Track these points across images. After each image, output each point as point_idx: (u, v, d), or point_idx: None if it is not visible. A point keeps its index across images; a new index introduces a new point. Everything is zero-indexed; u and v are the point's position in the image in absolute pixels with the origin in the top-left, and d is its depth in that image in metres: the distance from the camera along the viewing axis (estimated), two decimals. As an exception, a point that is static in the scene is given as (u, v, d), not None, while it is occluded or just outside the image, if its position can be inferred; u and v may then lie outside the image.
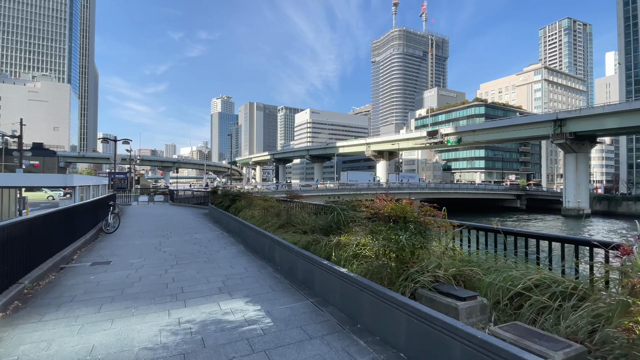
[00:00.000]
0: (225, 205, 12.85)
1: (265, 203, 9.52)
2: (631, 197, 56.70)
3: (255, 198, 11.24)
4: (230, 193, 13.33)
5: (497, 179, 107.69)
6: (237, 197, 12.40)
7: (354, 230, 5.51)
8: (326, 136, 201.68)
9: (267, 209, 9.03)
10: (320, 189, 46.65)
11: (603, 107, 49.93)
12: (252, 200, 10.95)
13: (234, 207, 11.63)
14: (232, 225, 10.83)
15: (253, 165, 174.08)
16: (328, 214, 6.02)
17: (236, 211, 11.21)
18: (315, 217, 6.98)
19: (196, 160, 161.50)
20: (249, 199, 11.28)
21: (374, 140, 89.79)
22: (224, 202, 13.23)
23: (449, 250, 3.98)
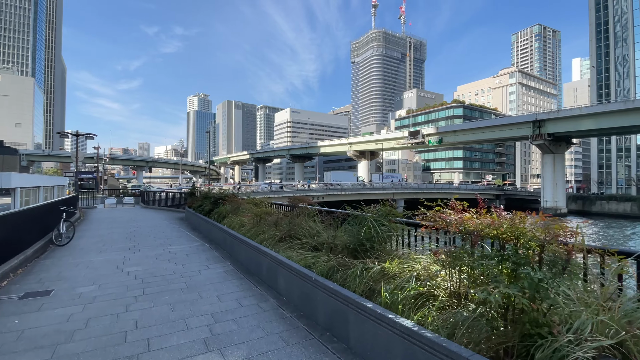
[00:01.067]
0: (205, 209, 10.99)
1: (258, 209, 7.80)
2: (604, 197, 58.60)
3: (242, 201, 9.47)
4: (211, 195, 11.47)
5: (474, 179, 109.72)
6: (220, 200, 10.58)
7: (395, 252, 3.96)
8: (306, 136, 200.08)
9: (260, 215, 7.32)
10: (303, 189, 45.01)
11: (580, 109, 51.16)
12: (240, 204, 9.19)
13: (217, 212, 9.81)
14: (216, 234, 9.03)
15: (231, 165, 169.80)
16: (354, 225, 4.43)
17: (220, 217, 9.40)
18: (329, 228, 5.37)
19: (171, 160, 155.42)
20: (235, 202, 9.50)
21: (355, 140, 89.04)
22: (204, 205, 11.36)
23: (588, 294, 2.45)
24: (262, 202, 9.21)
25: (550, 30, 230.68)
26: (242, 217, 8.18)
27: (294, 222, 6.05)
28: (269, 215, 7.19)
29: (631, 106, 43.81)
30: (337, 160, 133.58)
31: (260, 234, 6.66)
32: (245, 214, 8.30)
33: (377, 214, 4.33)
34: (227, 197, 10.42)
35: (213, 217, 9.81)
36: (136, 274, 6.25)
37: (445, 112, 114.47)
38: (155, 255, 7.77)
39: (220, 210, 9.69)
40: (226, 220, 8.74)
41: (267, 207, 8.07)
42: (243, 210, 8.83)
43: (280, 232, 6.04)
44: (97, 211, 20.35)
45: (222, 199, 10.55)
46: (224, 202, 10.39)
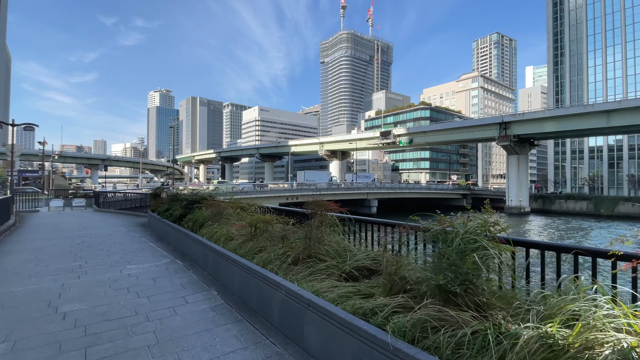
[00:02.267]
0: (175, 214, 8.88)
1: (250, 216, 5.96)
2: (562, 196, 61.90)
3: (225, 205, 7.54)
4: (183, 197, 9.37)
5: (440, 179, 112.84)
6: (195, 203, 8.54)
7: (506, 293, 2.40)
8: (275, 135, 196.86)
9: (256, 225, 5.50)
10: (278, 189, 42.99)
11: (543, 112, 53.51)
12: (222, 209, 7.26)
13: (192, 218, 7.79)
14: (191, 248, 7.03)
15: (196, 164, 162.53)
16: (440, 245, 2.79)
17: (196, 226, 7.41)
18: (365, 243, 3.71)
19: (130, 158, 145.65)
20: (215, 206, 7.53)
21: (327, 140, 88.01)
22: (173, 209, 9.24)
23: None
24: (249, 206, 7.36)
25: (507, 38, 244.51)
26: (228, 226, 6.31)
27: (313, 235, 4.32)
28: (268, 225, 5.39)
29: (590, 110, 46.29)
30: (308, 160, 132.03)
31: (259, 251, 4.86)
32: (232, 222, 6.43)
33: (470, 229, 2.73)
34: (204, 200, 8.41)
35: (186, 226, 7.78)
36: (77, 316, 4.19)
37: (413, 113, 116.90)
38: (108, 281, 5.66)
39: (196, 216, 7.69)
40: (205, 230, 6.79)
41: (263, 213, 6.25)
42: (227, 216, 6.93)
43: (293, 250, 4.29)
44: (39, 216, 17.16)
45: (197, 202, 8.53)
46: (200, 205, 8.38)
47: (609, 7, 74.99)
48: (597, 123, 46.04)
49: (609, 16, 75.14)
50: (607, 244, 2.69)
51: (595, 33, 76.78)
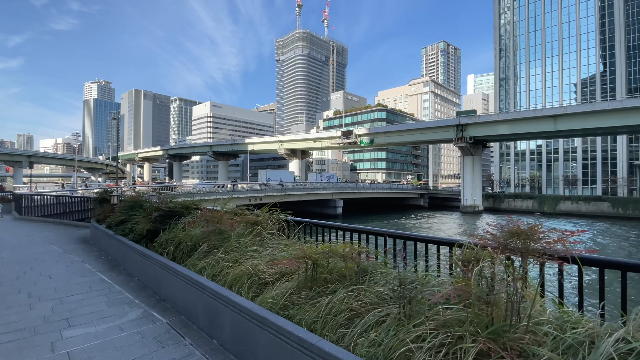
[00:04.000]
0: (139, 231, 6.00)
1: (295, 248, 3.55)
2: (510, 195, 66.00)
3: (228, 220, 4.95)
4: (150, 205, 6.51)
5: (395, 179, 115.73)
6: (174, 213, 5.78)
7: None
8: (228, 132, 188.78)
9: (313, 259, 3.14)
10: (239, 189, 39.53)
11: (497, 115, 56.29)
12: (225, 226, 4.70)
13: (172, 240, 5.06)
14: (175, 288, 4.33)
15: (140, 162, 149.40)
16: None
17: (181, 253, 4.76)
18: None
19: (62, 155, 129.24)
20: (212, 220, 4.91)
21: (287, 138, 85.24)
22: (136, 222, 6.37)
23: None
24: (266, 217, 4.92)
25: (453, 47, 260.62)
26: (245, 255, 3.85)
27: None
28: (337, 257, 3.06)
29: (539, 114, 49.40)
30: (265, 159, 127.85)
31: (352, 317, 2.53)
32: (249, 248, 3.98)
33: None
34: (191, 209, 5.73)
35: (164, 251, 5.03)
36: None
37: (370, 114, 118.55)
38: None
39: (180, 236, 5.00)
40: (204, 262, 4.20)
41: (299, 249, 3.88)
42: (237, 239, 4.42)
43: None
44: None
45: (176, 212, 5.79)
46: (179, 217, 5.69)
47: (532, 26, 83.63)
48: (546, 127, 49.29)
49: (531, 33, 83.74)
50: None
51: (521, 48, 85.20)
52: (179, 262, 4.62)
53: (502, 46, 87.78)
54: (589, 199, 56.49)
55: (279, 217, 4.92)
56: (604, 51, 73.34)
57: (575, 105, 49.07)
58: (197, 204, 6.20)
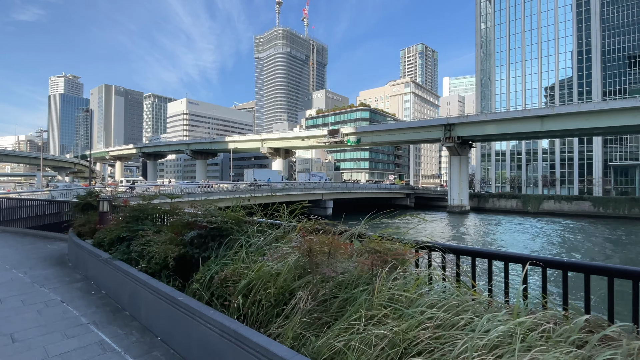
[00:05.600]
0: (159, 260, 3.88)
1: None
2: (495, 195, 66.67)
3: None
4: (179, 220, 4.30)
5: (377, 179, 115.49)
6: (222, 233, 3.63)
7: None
8: (205, 130, 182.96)
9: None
10: (226, 190, 36.83)
11: (485, 115, 56.42)
12: (345, 252, 2.71)
13: (239, 283, 2.98)
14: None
15: (111, 161, 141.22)
16: None
17: (268, 312, 2.72)
18: None
19: (25, 153, 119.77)
20: (309, 241, 2.86)
21: (270, 137, 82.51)
22: (149, 243, 4.21)
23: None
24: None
25: (430, 50, 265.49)
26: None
27: None
28: None
29: (527, 114, 49.72)
30: (246, 158, 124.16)
31: None
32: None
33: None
34: (241, 222, 3.67)
35: (223, 304, 2.97)
36: None
37: (353, 114, 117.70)
38: None
39: (252, 276, 2.92)
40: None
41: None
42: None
43: None
44: None
45: (225, 230, 3.68)
46: (228, 236, 3.61)
47: (512, 29, 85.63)
48: (533, 127, 49.68)
49: (512, 36, 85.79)
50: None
51: (502, 51, 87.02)
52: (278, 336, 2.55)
53: (483, 48, 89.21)
54: (571, 199, 57.74)
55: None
56: (580, 55, 75.73)
57: (563, 106, 49.84)
58: (245, 218, 4.12)
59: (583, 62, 75.33)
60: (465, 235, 34.48)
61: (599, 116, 44.76)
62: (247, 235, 3.72)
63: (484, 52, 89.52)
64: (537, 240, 31.51)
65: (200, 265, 3.50)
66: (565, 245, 29.60)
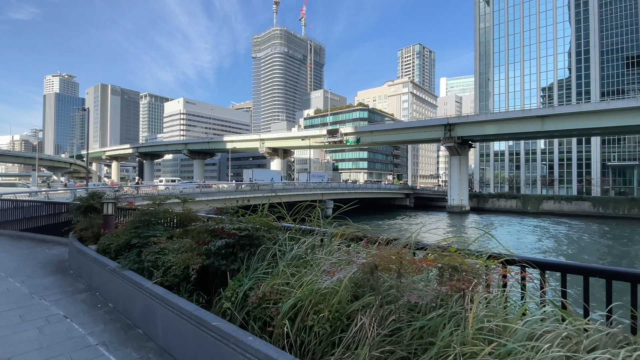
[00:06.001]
0: (177, 271, 3.40)
1: None
2: (494, 195, 66.53)
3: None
4: (202, 226, 3.81)
5: (376, 179, 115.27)
6: (252, 241, 3.17)
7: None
8: (202, 130, 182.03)
9: None
10: (226, 190, 36.30)
11: (486, 115, 56.23)
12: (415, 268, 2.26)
13: (283, 305, 2.53)
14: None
15: (107, 161, 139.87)
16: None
17: (324, 340, 2.26)
18: None
19: (20, 152, 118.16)
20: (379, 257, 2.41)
21: (269, 137, 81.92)
22: (163, 252, 3.74)
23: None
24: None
25: (428, 50, 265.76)
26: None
27: None
28: None
29: (528, 114, 49.56)
30: (243, 158, 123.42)
31: None
32: None
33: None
34: (272, 227, 3.20)
35: (264, 330, 2.51)
36: None
37: (352, 114, 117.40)
38: None
39: (300, 295, 2.43)
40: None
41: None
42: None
43: None
44: None
45: (255, 238, 3.19)
46: (259, 245, 3.15)
47: (511, 29, 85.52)
48: (533, 127, 49.54)
49: (510, 37, 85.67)
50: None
51: (501, 51, 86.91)
52: None
53: (482, 49, 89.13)
54: (570, 199, 57.70)
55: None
56: (579, 55, 75.80)
57: (564, 106, 49.74)
58: (276, 224, 3.66)
59: (582, 63, 75.39)
60: (475, 236, 34.12)
61: (600, 116, 44.65)
62: (279, 243, 3.27)
63: (482, 52, 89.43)
64: (553, 242, 30.75)
65: (229, 279, 3.04)
66: (593, 248, 28.34)
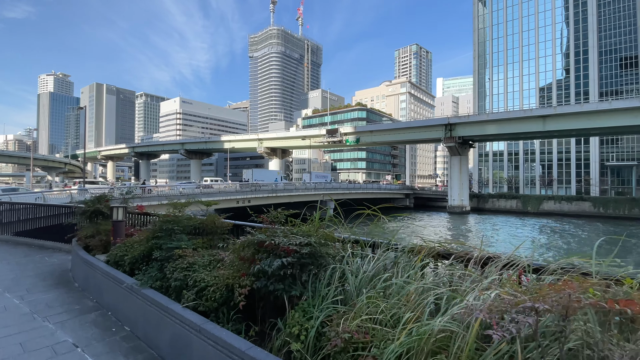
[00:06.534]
0: (214, 294, 2.78)
1: None
2: (494, 195, 66.30)
3: None
4: (252, 238, 3.23)
5: (374, 179, 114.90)
6: (317, 259, 2.61)
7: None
8: (199, 130, 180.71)
9: None
10: (227, 190, 35.56)
11: (487, 115, 55.93)
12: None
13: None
14: None
15: (103, 160, 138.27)
16: None
17: None
18: None
19: (14, 152, 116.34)
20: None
21: (268, 136, 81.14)
22: (192, 268, 3.12)
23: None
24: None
25: (424, 50, 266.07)
26: None
27: None
28: None
29: (529, 114, 49.31)
30: (241, 158, 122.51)
31: None
32: None
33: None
34: (328, 241, 2.63)
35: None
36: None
37: (350, 114, 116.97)
38: None
39: (410, 342, 1.90)
40: None
41: None
42: None
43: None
44: None
45: (319, 256, 2.64)
46: (325, 264, 2.56)
47: (510, 29, 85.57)
48: (535, 127, 49.30)
49: (509, 37, 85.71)
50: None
51: (499, 51, 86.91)
52: None
53: (480, 49, 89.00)
54: (571, 199, 57.58)
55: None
56: (578, 56, 75.85)
57: (565, 106, 49.59)
58: (337, 236, 3.06)
59: (580, 63, 75.43)
60: (483, 238, 33.69)
61: (601, 116, 44.49)
62: (345, 260, 2.65)
63: (481, 52, 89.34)
64: (574, 243, 30.24)
65: (287, 307, 2.42)
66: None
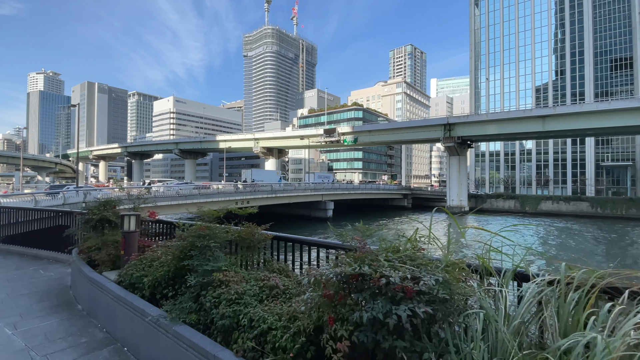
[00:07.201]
0: (283, 342, 2.06)
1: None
2: (492, 195, 66.25)
3: None
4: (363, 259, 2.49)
5: (370, 179, 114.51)
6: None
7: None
8: (193, 130, 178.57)
9: None
10: (225, 191, 34.56)
11: (487, 115, 55.70)
12: None
13: None
14: None
15: (95, 161, 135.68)
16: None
17: None
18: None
19: (3, 152, 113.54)
20: None
21: (264, 136, 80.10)
22: (242, 299, 2.37)
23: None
24: None
25: (419, 51, 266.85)
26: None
27: None
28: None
29: (529, 114, 49.16)
30: (236, 158, 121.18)
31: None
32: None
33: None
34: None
35: None
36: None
37: (347, 113, 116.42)
38: None
39: None
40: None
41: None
42: None
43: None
44: None
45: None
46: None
47: (506, 30, 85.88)
48: (534, 127, 49.16)
49: (505, 37, 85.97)
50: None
51: (496, 51, 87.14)
52: None
53: (476, 49, 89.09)
54: (568, 199, 57.65)
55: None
56: (573, 57, 76.23)
57: (564, 106, 49.54)
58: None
59: (576, 64, 75.82)
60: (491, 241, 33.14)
61: (600, 116, 44.48)
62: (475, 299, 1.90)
63: (477, 53, 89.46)
64: (586, 244, 29.79)
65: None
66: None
